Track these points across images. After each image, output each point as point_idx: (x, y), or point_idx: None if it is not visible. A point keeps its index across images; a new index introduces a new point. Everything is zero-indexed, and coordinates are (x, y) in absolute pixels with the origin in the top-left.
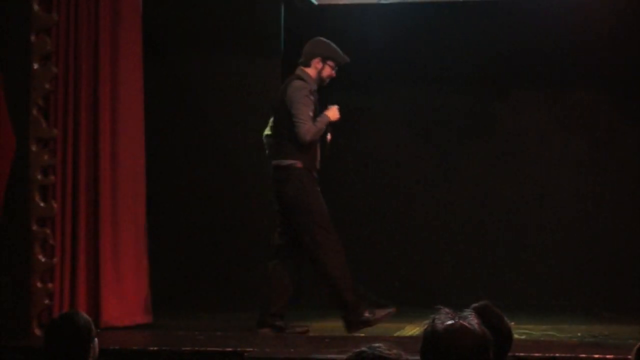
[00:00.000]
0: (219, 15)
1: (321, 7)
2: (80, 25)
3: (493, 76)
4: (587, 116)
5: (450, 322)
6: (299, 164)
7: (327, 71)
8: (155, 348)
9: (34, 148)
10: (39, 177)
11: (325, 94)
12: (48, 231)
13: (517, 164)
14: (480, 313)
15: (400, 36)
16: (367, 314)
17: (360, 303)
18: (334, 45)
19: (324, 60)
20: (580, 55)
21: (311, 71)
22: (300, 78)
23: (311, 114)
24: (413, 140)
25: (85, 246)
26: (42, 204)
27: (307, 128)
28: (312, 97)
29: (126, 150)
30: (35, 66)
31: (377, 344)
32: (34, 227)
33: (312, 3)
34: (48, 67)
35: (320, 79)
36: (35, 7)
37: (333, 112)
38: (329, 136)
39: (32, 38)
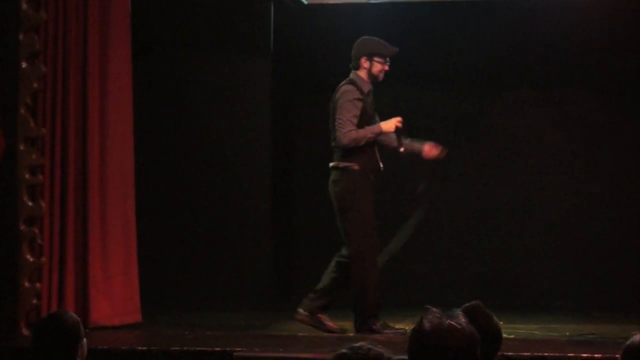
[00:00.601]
0: (209, 15)
1: (311, 7)
2: (68, 24)
3: (485, 76)
4: (580, 116)
5: (438, 321)
6: (355, 166)
7: (377, 67)
8: (144, 348)
9: (22, 147)
10: (27, 176)
11: (315, 95)
12: (36, 231)
13: (509, 164)
14: (470, 313)
15: (391, 36)
16: (376, 326)
17: (375, 315)
18: (378, 40)
19: (370, 58)
20: (573, 55)
21: (361, 72)
22: (350, 82)
23: (354, 119)
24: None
25: (73, 246)
26: (30, 204)
27: (345, 132)
28: (358, 102)
29: (115, 149)
30: (24, 65)
31: (358, 344)
32: (22, 227)
33: (302, 3)
34: (36, 66)
35: (372, 76)
36: (24, 5)
37: (388, 125)
38: (401, 149)
39: (21, 37)
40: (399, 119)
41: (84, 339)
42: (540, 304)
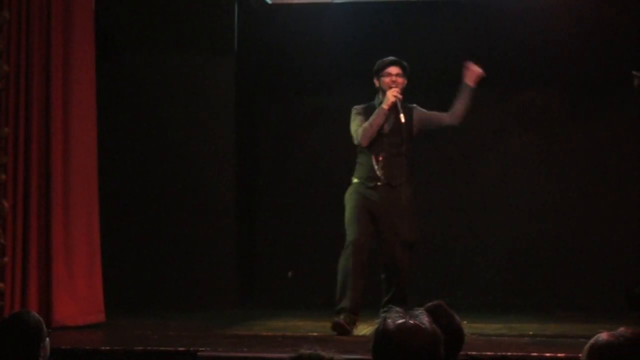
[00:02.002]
0: (173, 14)
1: (275, 6)
2: (31, 24)
3: (448, 75)
4: (540, 114)
5: (401, 320)
6: (355, 179)
7: (385, 82)
8: (108, 348)
9: None
10: None
11: (279, 93)
12: None
13: (474, 163)
14: (432, 312)
15: (354, 36)
16: (336, 320)
17: (340, 311)
18: (380, 60)
19: (377, 77)
20: (536, 54)
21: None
22: (371, 100)
23: (359, 122)
24: None
25: (36, 245)
26: None
27: (356, 133)
28: (356, 115)
29: (78, 148)
30: None
31: (299, 353)
32: None
33: (266, 2)
34: None
35: (384, 91)
36: None
37: (387, 102)
38: (402, 117)
39: None
40: (394, 90)
41: (47, 339)
42: (503, 304)
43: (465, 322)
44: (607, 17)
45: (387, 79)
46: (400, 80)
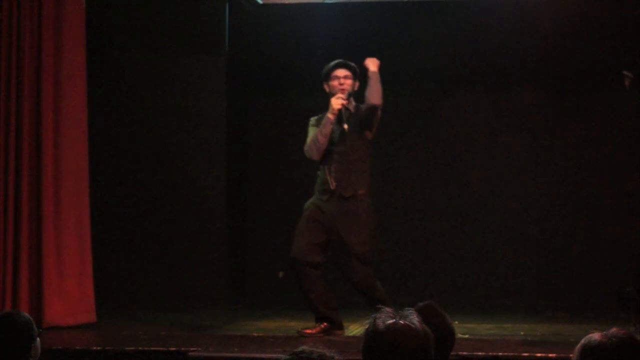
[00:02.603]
0: (164, 14)
1: (266, 6)
2: (22, 26)
3: (439, 76)
4: (530, 115)
5: (391, 321)
6: (316, 191)
7: (333, 86)
8: (99, 348)
9: None
10: None
11: (270, 93)
12: None
13: (462, 163)
14: (423, 312)
15: (345, 36)
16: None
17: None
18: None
19: (326, 82)
20: (523, 56)
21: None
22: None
23: (312, 135)
24: None
25: (27, 246)
26: None
27: (307, 148)
28: (314, 125)
29: (69, 148)
30: None
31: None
32: None
33: (257, 2)
34: None
35: (333, 94)
36: None
37: (332, 109)
38: (345, 126)
39: None
40: (338, 95)
41: (38, 339)
42: (494, 304)
43: (456, 322)
44: (597, 17)
45: (334, 82)
46: (349, 82)
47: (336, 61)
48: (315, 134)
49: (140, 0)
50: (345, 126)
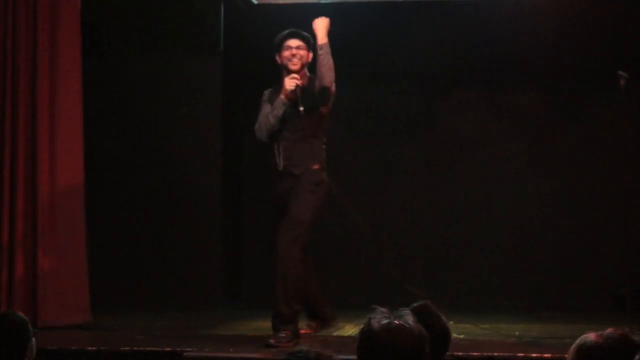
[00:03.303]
0: (159, 14)
1: (261, 6)
2: (17, 25)
3: (434, 76)
4: (526, 116)
5: (386, 321)
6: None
7: (284, 56)
8: (94, 348)
9: None
10: None
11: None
12: None
13: (457, 163)
14: (419, 313)
15: (340, 36)
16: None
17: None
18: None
19: (277, 52)
20: (519, 57)
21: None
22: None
23: (263, 114)
24: (355, 140)
25: (23, 245)
26: None
27: (257, 127)
28: (267, 100)
29: (64, 148)
30: None
31: (297, 349)
32: None
33: (252, 2)
34: None
35: (286, 67)
36: None
37: (285, 89)
38: (300, 108)
39: None
40: (292, 75)
41: (33, 339)
42: (489, 304)
43: (451, 322)
44: (593, 19)
45: (287, 53)
46: (302, 52)
47: (288, 30)
48: (267, 116)
49: (135, 1)
50: (301, 108)
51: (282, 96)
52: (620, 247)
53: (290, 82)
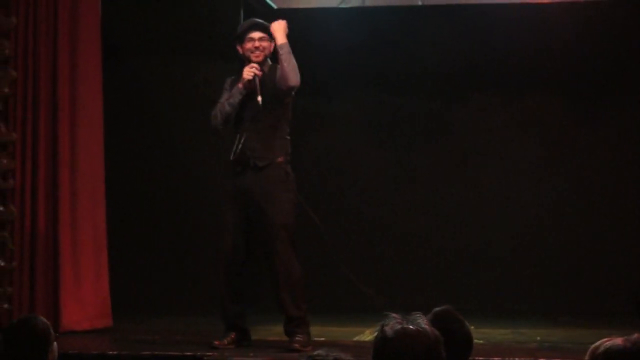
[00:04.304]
0: (179, 19)
1: (281, 11)
2: (39, 29)
3: (452, 80)
4: (543, 120)
5: (399, 326)
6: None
7: (246, 48)
8: (115, 352)
9: None
10: None
11: None
12: (7, 235)
13: (476, 168)
14: (441, 318)
15: (360, 40)
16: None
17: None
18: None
19: (239, 43)
20: (536, 59)
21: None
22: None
23: (222, 101)
24: (373, 144)
25: (44, 250)
26: (1, 208)
27: (213, 114)
28: (227, 88)
29: (85, 153)
30: None
31: (315, 352)
32: None
33: (272, 7)
34: (7, 71)
35: (248, 59)
36: None
37: (242, 77)
38: (259, 98)
39: None
40: (252, 65)
41: (55, 344)
42: (509, 309)
43: (472, 327)
44: (610, 22)
45: (249, 45)
46: (264, 44)
47: (250, 22)
48: (223, 103)
49: (155, 4)
50: (259, 98)
51: (239, 85)
52: (639, 251)
53: (248, 72)
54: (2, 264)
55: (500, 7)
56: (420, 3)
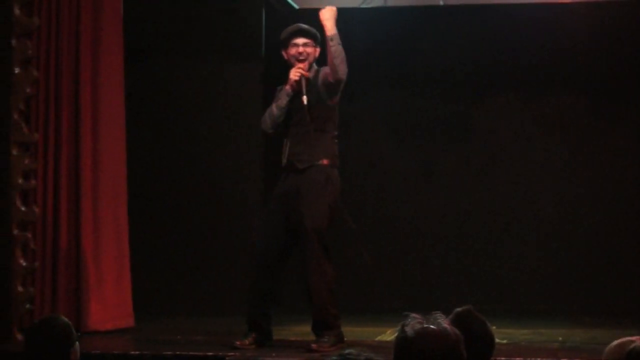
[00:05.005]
0: (201, 20)
1: (302, 11)
2: (61, 30)
3: (474, 80)
4: (565, 119)
5: (420, 326)
6: None
7: (291, 53)
8: (137, 352)
9: (15, 152)
10: (20, 181)
11: None
12: (29, 235)
13: (498, 168)
14: (463, 318)
15: (381, 40)
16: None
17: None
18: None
19: (284, 49)
20: (558, 59)
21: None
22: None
23: (273, 105)
24: (395, 145)
25: (66, 250)
26: (23, 208)
27: (262, 120)
28: (276, 94)
29: (107, 153)
30: (17, 70)
31: (347, 351)
32: (15, 232)
33: (293, 7)
34: (29, 71)
35: (292, 63)
36: (17, 11)
37: (290, 80)
38: (304, 98)
39: (13, 42)
40: (298, 65)
41: (77, 344)
42: (531, 309)
43: (493, 327)
44: (632, 22)
45: (293, 50)
46: (309, 50)
47: (295, 27)
48: (271, 107)
49: (176, 6)
50: (305, 98)
51: (287, 87)
52: None
53: (295, 72)
54: (24, 264)
55: (522, 7)
56: (441, 3)
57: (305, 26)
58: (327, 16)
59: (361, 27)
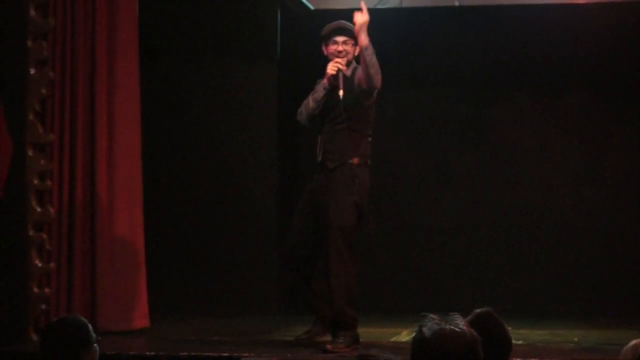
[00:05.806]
0: (216, 20)
1: (318, 12)
2: (76, 31)
3: (489, 81)
4: (582, 121)
5: (437, 327)
6: None
7: (330, 50)
8: (152, 353)
9: (30, 153)
10: (36, 182)
11: None
12: (45, 236)
13: (514, 169)
14: (481, 320)
15: (397, 41)
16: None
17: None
18: (328, 25)
19: (324, 44)
20: (575, 61)
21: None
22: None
23: (310, 97)
24: (409, 145)
25: (81, 251)
26: (38, 209)
27: (297, 112)
28: (315, 87)
29: (122, 154)
30: (32, 71)
31: (367, 352)
32: (31, 232)
33: (309, 8)
34: (45, 72)
35: (331, 60)
36: (32, 12)
37: (327, 74)
38: (340, 92)
39: (29, 43)
40: (336, 59)
41: (95, 345)
42: (547, 310)
43: (509, 328)
44: None
45: (332, 47)
46: (348, 48)
47: (337, 25)
48: (308, 99)
49: (192, 6)
50: (341, 93)
51: (324, 80)
52: None
53: (332, 66)
54: (40, 264)
55: (537, 8)
56: (457, 4)
57: (346, 24)
58: (361, 28)
59: (377, 27)
